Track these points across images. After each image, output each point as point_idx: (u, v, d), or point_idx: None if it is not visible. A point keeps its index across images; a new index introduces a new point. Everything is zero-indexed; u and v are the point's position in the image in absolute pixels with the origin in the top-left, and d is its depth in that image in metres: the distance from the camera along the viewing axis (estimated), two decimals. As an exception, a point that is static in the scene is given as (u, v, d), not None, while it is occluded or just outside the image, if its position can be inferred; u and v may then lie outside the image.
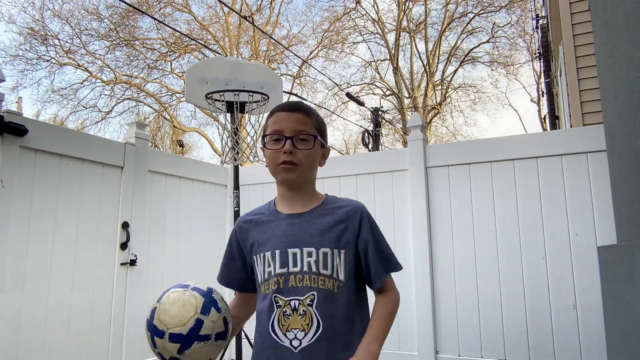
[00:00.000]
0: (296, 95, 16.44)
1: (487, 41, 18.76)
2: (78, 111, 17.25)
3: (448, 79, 19.37)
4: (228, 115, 3.54)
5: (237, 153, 3.50)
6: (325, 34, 18.98)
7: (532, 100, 20.32)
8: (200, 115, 18.12)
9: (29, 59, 16.03)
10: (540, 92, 17.60)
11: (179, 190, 3.94)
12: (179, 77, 17.73)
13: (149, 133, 3.74)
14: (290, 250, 1.25)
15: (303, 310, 1.21)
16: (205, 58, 16.10)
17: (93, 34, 16.62)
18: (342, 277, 1.24)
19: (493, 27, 18.29)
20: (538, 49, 13.55)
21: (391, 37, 19.02)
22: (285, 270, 1.24)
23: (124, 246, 3.32)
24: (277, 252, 1.26)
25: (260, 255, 1.29)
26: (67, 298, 2.94)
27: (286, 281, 1.23)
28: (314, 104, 17.65)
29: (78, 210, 3.07)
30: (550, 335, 3.08)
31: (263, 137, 1.33)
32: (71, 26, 16.28)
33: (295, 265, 1.23)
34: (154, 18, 14.90)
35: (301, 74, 18.66)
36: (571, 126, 5.53)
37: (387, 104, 19.13)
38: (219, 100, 3.47)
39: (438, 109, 19.10)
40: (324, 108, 18.45)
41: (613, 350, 2.50)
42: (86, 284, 3.07)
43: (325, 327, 1.20)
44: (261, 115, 3.64)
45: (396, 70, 18.67)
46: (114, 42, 16.83)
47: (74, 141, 3.09)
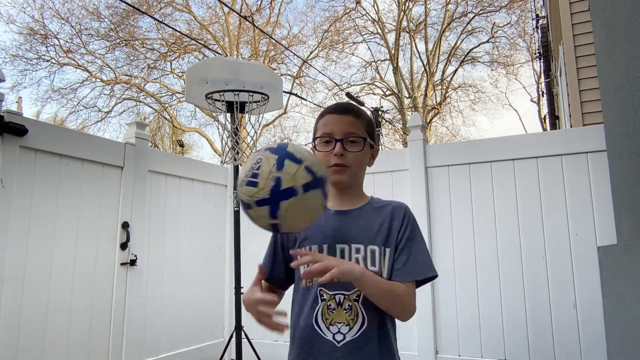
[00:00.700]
0: (296, 95, 16.44)
1: (487, 41, 18.78)
2: (78, 111, 17.28)
3: (448, 79, 19.40)
4: (228, 115, 3.54)
5: (237, 153, 3.50)
6: (325, 34, 19.00)
7: (532, 100, 20.33)
8: (200, 115, 18.15)
9: (29, 59, 16.06)
10: (540, 92, 17.62)
11: (179, 190, 3.94)
12: (179, 77, 17.74)
13: (149, 133, 3.74)
14: (338, 246, 1.26)
15: (349, 305, 1.21)
16: (205, 58, 16.11)
17: (93, 34, 16.65)
18: (386, 275, 1.25)
19: (493, 27, 18.31)
20: (538, 49, 13.56)
21: (391, 37, 19.05)
22: None
23: (124, 246, 3.32)
24: (325, 246, 1.27)
25: (306, 248, 1.30)
26: (67, 298, 2.95)
27: None
28: (314, 104, 17.67)
29: (78, 210, 3.07)
30: (550, 335, 3.08)
31: (313, 139, 1.35)
32: (71, 26, 16.30)
33: (342, 256, 1.25)
34: (154, 18, 14.91)
35: (301, 74, 18.67)
36: (571, 126, 5.53)
37: (387, 104, 19.14)
38: (219, 100, 3.47)
39: (438, 109, 19.10)
40: (324, 108, 18.42)
41: (613, 350, 2.50)
42: (86, 284, 3.07)
43: (371, 323, 1.21)
44: (261, 115, 3.64)
45: (396, 70, 18.68)
46: (114, 42, 16.84)
47: (74, 141, 3.09)
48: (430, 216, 3.54)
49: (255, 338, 3.61)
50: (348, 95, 13.79)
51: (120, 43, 16.91)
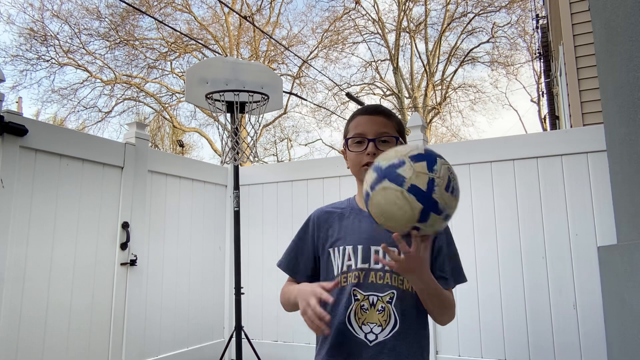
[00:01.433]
0: (296, 95, 16.43)
1: (487, 41, 18.75)
2: (78, 111, 17.27)
3: (448, 79, 19.39)
4: (228, 115, 3.54)
5: (237, 153, 3.50)
6: (325, 34, 18.99)
7: (532, 100, 20.32)
8: (200, 115, 18.14)
9: (29, 59, 16.06)
10: (540, 92, 17.61)
11: (179, 190, 3.94)
12: (179, 77, 17.74)
13: (149, 133, 3.74)
14: (373, 248, 1.27)
15: (382, 306, 1.23)
16: (205, 58, 16.11)
17: (93, 34, 16.65)
18: None
19: (493, 27, 18.29)
20: (538, 49, 13.55)
21: (391, 37, 19.03)
22: (366, 265, 1.27)
23: (124, 246, 3.32)
24: (360, 247, 1.28)
25: (340, 248, 1.31)
26: (67, 298, 2.95)
27: (366, 277, 1.26)
28: (314, 104, 17.67)
29: (78, 210, 3.07)
30: (550, 335, 3.08)
31: (346, 141, 1.37)
32: (70, 26, 16.29)
33: (377, 262, 1.26)
34: (154, 18, 14.90)
35: (301, 74, 18.66)
36: (571, 126, 5.53)
37: (387, 104, 19.12)
38: (219, 100, 3.47)
39: (438, 109, 19.10)
40: (324, 108, 18.47)
41: (613, 350, 2.50)
42: (86, 284, 3.07)
43: (402, 324, 1.23)
44: (261, 115, 3.64)
45: (396, 70, 18.67)
46: (114, 42, 16.84)
47: (74, 141, 3.09)
48: (430, 216, 3.53)
49: (255, 338, 3.61)
50: (348, 95, 13.75)
51: (120, 43, 16.91)
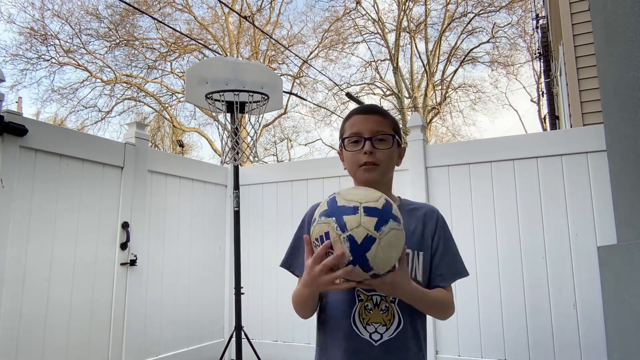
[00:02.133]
0: (296, 95, 16.43)
1: (487, 41, 18.75)
2: (78, 111, 17.27)
3: (448, 79, 19.38)
4: (228, 115, 3.54)
5: (237, 153, 3.50)
6: (325, 34, 19.00)
7: (532, 100, 20.32)
8: (200, 115, 18.13)
9: (29, 58, 16.06)
10: (540, 92, 17.62)
11: (179, 190, 3.94)
12: (179, 77, 17.74)
13: (149, 133, 3.74)
14: None
15: (385, 306, 1.24)
16: (205, 58, 16.11)
17: (93, 34, 16.65)
18: (420, 278, 1.27)
19: (493, 27, 18.29)
20: (538, 49, 13.55)
21: (391, 37, 19.03)
22: None
23: (124, 246, 3.32)
24: None
25: None
26: (67, 298, 2.95)
27: None
28: (314, 104, 17.67)
29: (78, 210, 3.07)
30: (550, 335, 3.08)
31: (342, 141, 1.36)
32: (71, 26, 16.30)
33: None
34: (154, 18, 14.91)
35: (301, 74, 18.66)
36: (571, 126, 5.53)
37: (387, 104, 19.14)
38: (219, 100, 3.47)
39: (438, 109, 19.09)
40: (324, 108, 18.47)
41: (613, 350, 2.50)
42: (86, 284, 3.07)
43: (406, 323, 1.24)
44: (261, 115, 3.64)
45: (396, 70, 18.66)
46: (114, 42, 16.84)
47: (74, 141, 3.09)
48: (430, 216, 3.53)
49: (255, 338, 3.61)
50: (348, 95, 13.75)
51: (120, 43, 16.91)
